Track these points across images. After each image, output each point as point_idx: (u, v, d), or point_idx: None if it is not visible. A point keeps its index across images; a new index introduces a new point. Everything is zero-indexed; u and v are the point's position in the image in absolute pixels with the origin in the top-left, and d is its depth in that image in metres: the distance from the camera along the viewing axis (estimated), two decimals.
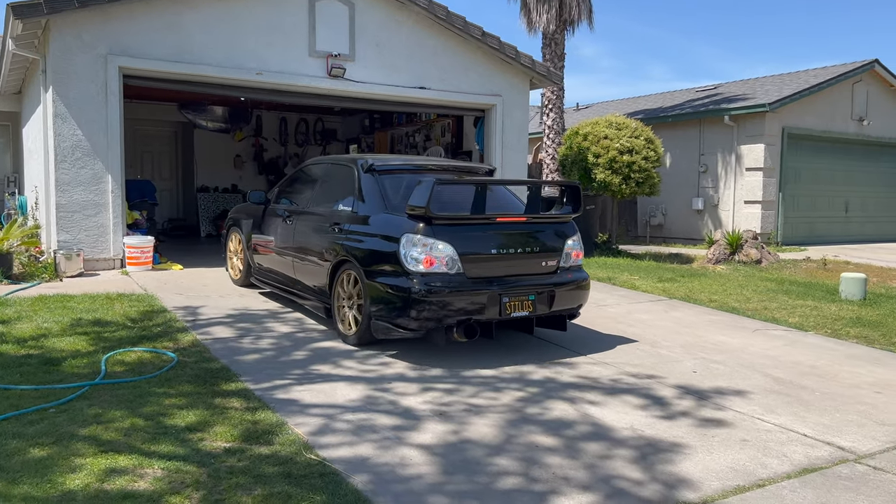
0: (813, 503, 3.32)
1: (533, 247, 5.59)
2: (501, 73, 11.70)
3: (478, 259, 5.31)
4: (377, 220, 5.59)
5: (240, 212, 8.17)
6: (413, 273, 5.13)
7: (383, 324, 5.30)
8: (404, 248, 5.16)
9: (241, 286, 8.08)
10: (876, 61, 16.75)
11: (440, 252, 5.15)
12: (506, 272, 5.44)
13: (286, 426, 4.02)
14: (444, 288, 5.10)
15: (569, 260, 5.82)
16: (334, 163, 6.69)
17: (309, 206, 6.62)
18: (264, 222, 7.33)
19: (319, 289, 6.16)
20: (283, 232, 6.82)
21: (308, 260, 6.32)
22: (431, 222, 5.18)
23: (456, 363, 5.44)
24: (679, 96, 20.19)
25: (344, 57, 10.27)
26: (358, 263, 5.50)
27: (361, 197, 5.87)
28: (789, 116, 15.70)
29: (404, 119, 14.85)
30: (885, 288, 10.21)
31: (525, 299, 5.40)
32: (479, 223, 5.42)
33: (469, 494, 3.30)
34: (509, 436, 4.06)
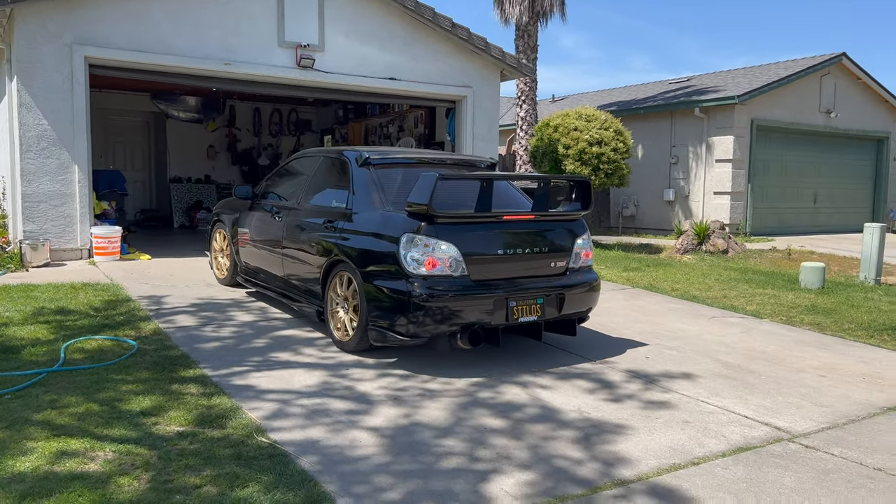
0: (742, 478, 3.47)
1: (541, 247, 5.22)
2: (472, 65, 11.78)
3: (483, 260, 4.94)
4: (374, 218, 5.18)
5: (225, 207, 7.79)
6: (414, 276, 4.75)
7: (381, 331, 4.91)
8: (404, 249, 4.78)
9: (227, 285, 7.68)
10: (843, 54, 17.03)
11: (443, 253, 4.78)
12: (512, 274, 5.09)
13: (240, 411, 4.10)
14: (448, 292, 4.73)
15: (578, 260, 5.45)
16: (326, 155, 6.28)
17: (299, 202, 6.22)
18: (251, 218, 6.93)
19: (311, 291, 5.78)
20: (272, 229, 6.43)
21: (299, 260, 5.94)
22: (434, 221, 4.78)
23: (414, 349, 5.54)
24: (652, 88, 20.38)
25: (313, 47, 10.29)
26: (353, 264, 5.12)
27: (356, 192, 5.46)
28: (758, 108, 15.94)
29: (377, 110, 14.90)
30: (845, 277, 10.47)
31: (533, 303, 5.04)
32: (484, 222, 5.01)
33: (414, 474, 3.41)
34: (459, 419, 4.17)
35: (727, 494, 3.30)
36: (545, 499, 3.21)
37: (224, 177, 16.78)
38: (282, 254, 6.22)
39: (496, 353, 5.54)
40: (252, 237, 6.86)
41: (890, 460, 3.76)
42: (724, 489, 3.36)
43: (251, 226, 6.89)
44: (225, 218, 7.59)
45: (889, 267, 11.81)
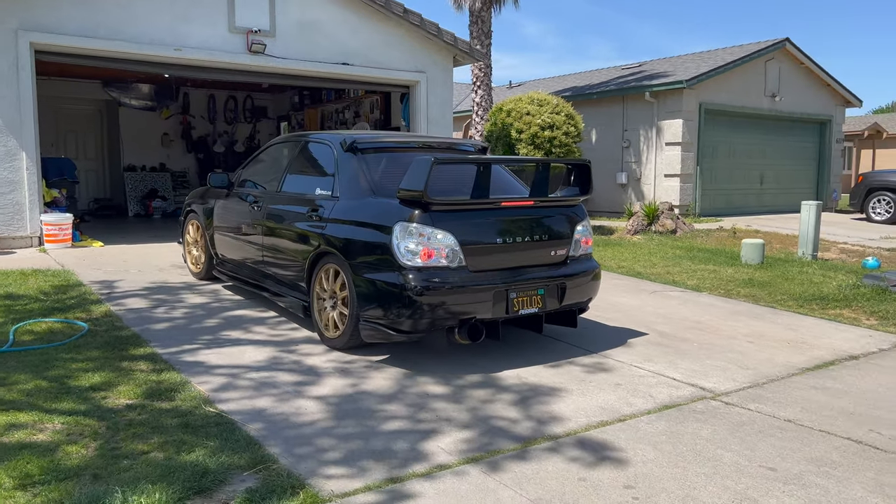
0: (663, 431, 3.73)
1: (541, 234, 4.94)
2: (425, 50, 11.90)
3: (481, 250, 4.66)
4: (363, 207, 4.87)
5: (198, 196, 7.36)
6: (408, 267, 4.45)
7: (374, 327, 4.61)
8: (398, 239, 4.48)
9: (202, 279, 7.29)
10: (787, 40, 17.54)
11: (440, 243, 4.49)
12: (512, 264, 4.81)
13: (189, 384, 4.23)
14: (445, 284, 4.45)
15: (578, 248, 5.20)
16: (308, 140, 5.92)
17: (279, 190, 5.87)
18: (228, 208, 6.55)
19: (295, 285, 5.49)
20: (251, 220, 6.06)
21: (280, 252, 5.62)
22: (428, 208, 4.49)
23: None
24: (606, 74, 20.72)
25: (264, 33, 10.31)
26: (341, 256, 4.80)
27: (342, 179, 5.15)
28: (706, 93, 16.36)
29: (333, 95, 14.93)
30: (785, 253, 10.91)
31: (534, 294, 4.79)
32: (481, 209, 4.72)
33: (356, 436, 3.59)
34: (403, 386, 4.36)
35: (647, 445, 3.55)
36: (480, 453, 3.41)
37: (179, 165, 16.64)
38: (261, 245, 5.90)
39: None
40: (229, 228, 6.51)
41: (801, 413, 4.06)
42: (645, 440, 3.61)
43: (227, 216, 6.54)
44: (198, 208, 7.18)
45: (827, 243, 12.33)
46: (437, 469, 3.23)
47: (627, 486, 3.10)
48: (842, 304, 7.02)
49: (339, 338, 4.95)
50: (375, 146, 5.40)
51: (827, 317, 6.58)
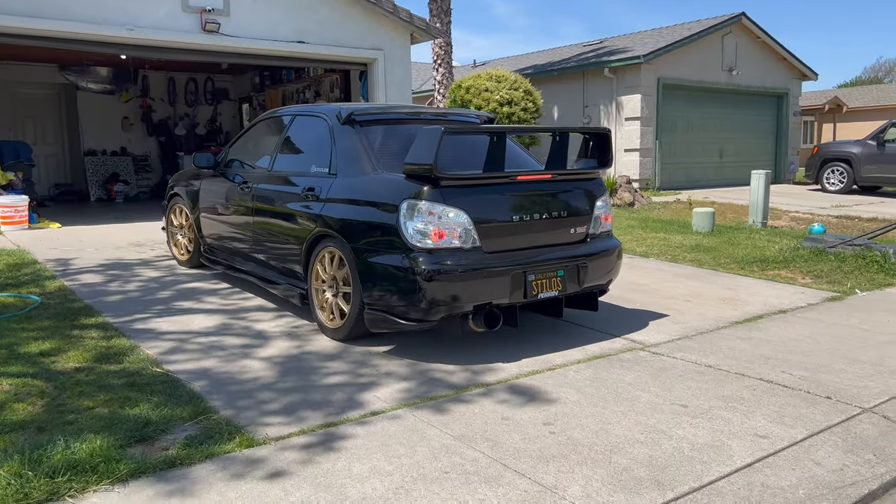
0: (589, 377, 3.95)
1: (560, 211, 4.54)
2: (381, 27, 11.97)
3: (497, 229, 4.27)
4: (365, 184, 4.48)
5: (182, 178, 6.91)
6: (418, 249, 4.06)
7: (380, 315, 4.23)
8: (405, 218, 4.08)
9: (191, 268, 6.85)
10: (743, 14, 17.85)
11: (452, 222, 4.09)
12: (529, 243, 4.42)
13: (138, 349, 4.36)
14: (458, 267, 4.05)
15: (599, 225, 4.82)
16: (300, 114, 5.51)
17: (271, 169, 5.48)
18: (214, 191, 6.14)
19: (291, 271, 5.09)
20: (240, 201, 5.67)
21: (274, 235, 5.24)
22: (438, 183, 4.08)
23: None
24: (567, 51, 20.90)
25: (218, 11, 10.30)
26: (342, 238, 4.42)
27: (341, 155, 4.76)
28: (664, 68, 16.62)
29: (293, 75, 14.92)
30: (737, 222, 11.24)
31: (553, 276, 4.41)
32: (496, 183, 4.34)
33: (297, 390, 3.76)
34: (347, 347, 4.53)
35: (571, 389, 3.77)
36: (414, 400, 3.60)
37: (140, 148, 16.53)
38: (253, 229, 5.50)
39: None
40: (216, 212, 6.10)
41: (722, 360, 4.31)
42: (571, 385, 3.83)
43: (214, 199, 6.13)
44: (183, 191, 6.75)
45: (779, 212, 12.71)
46: (370, 415, 3.42)
47: (546, 423, 3.31)
48: (781, 265, 7.32)
49: (341, 327, 4.56)
50: (375, 118, 5.01)
51: (765, 277, 6.87)
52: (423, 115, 5.37)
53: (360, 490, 2.67)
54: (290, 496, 2.63)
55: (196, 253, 6.67)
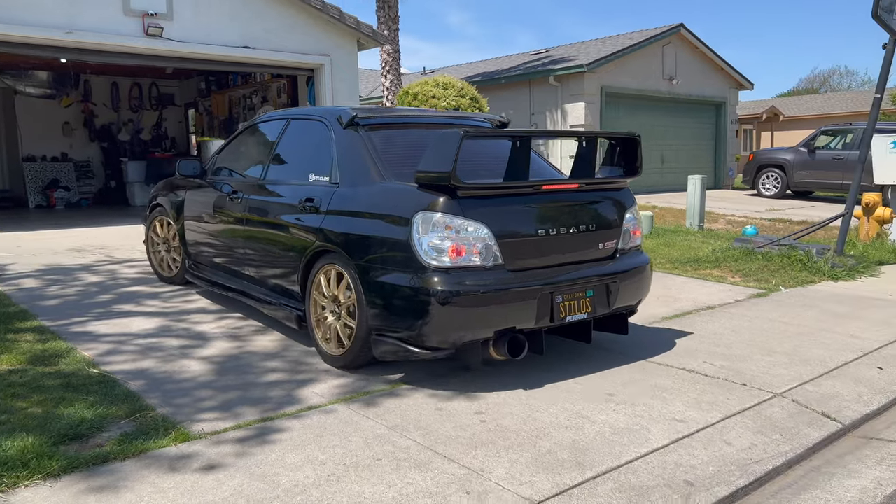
0: (520, 369, 4.10)
1: (588, 224, 4.11)
2: (328, 34, 12.03)
3: (521, 244, 3.84)
4: (372, 194, 4.03)
5: (166, 188, 6.39)
6: (433, 268, 3.60)
7: (389, 342, 3.77)
8: (419, 233, 3.64)
9: (178, 285, 6.33)
10: (682, 25, 18.45)
11: (472, 236, 3.66)
12: (556, 260, 4.00)
13: (75, 351, 4.33)
14: (479, 288, 3.61)
15: (628, 239, 4.39)
16: (296, 118, 5.08)
17: (265, 178, 5.01)
18: (201, 201, 5.67)
19: (287, 290, 4.63)
20: (230, 213, 5.21)
21: (268, 251, 4.78)
22: (456, 194, 3.65)
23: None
24: (515, 59, 21.26)
25: (161, 15, 10.22)
26: (346, 255, 3.96)
27: (343, 162, 4.31)
28: (607, 76, 17.06)
29: (239, 80, 14.85)
30: (675, 225, 11.62)
31: (582, 297, 3.98)
32: (519, 194, 3.92)
33: (235, 387, 3.81)
34: (287, 346, 4.59)
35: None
36: (353, 395, 3.69)
37: (82, 154, 16.19)
38: (244, 244, 5.06)
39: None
40: (203, 224, 5.64)
41: (651, 353, 4.51)
42: (504, 375, 3.97)
43: (201, 210, 5.66)
44: (166, 202, 6.23)
45: (717, 216, 13.19)
46: (307, 409, 3.49)
47: (478, 413, 3.44)
48: (713, 265, 7.63)
49: (343, 354, 4.08)
50: (381, 121, 4.59)
51: (697, 276, 7.16)
52: (431, 118, 5.02)
53: (292, 478, 2.75)
54: (222, 486, 2.69)
55: (182, 269, 6.11)
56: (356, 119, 4.42)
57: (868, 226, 9.22)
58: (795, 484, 2.92)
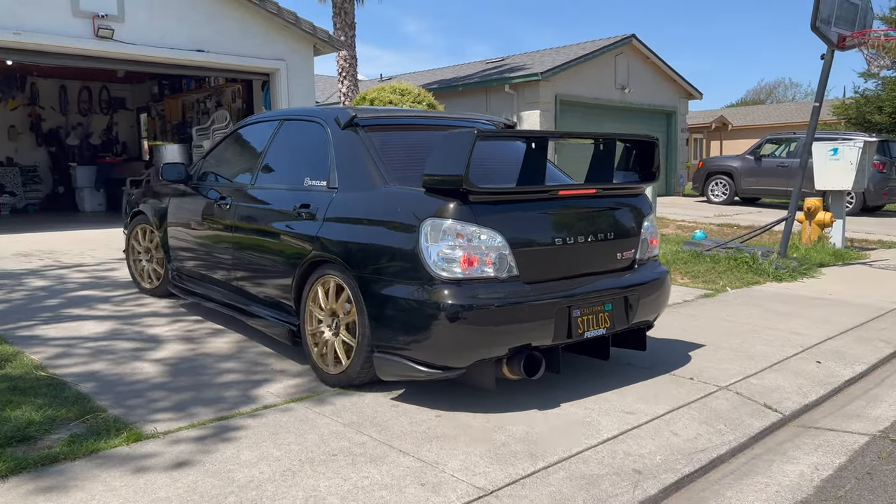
0: None
1: (606, 232, 3.84)
2: (283, 38, 11.98)
3: (537, 254, 3.57)
4: (375, 199, 3.75)
5: (148, 194, 6.00)
6: (443, 280, 3.32)
7: (394, 360, 3.48)
8: (427, 241, 3.35)
9: (160, 296, 5.95)
10: (633, 36, 18.89)
11: (484, 245, 3.37)
12: (572, 271, 3.72)
13: (22, 354, 4.24)
14: (493, 302, 3.33)
15: (646, 249, 4.12)
16: (289, 118, 4.78)
17: (254, 183, 4.70)
18: (186, 208, 5.35)
19: (278, 303, 4.33)
20: (217, 222, 4.90)
21: (258, 262, 4.48)
22: (467, 199, 3.37)
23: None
24: (471, 68, 21.46)
25: (112, 17, 10.05)
26: (347, 265, 3.67)
27: (342, 165, 4.01)
28: (561, 85, 17.36)
29: (193, 84, 14.66)
30: None
31: (601, 310, 3.71)
32: (534, 199, 3.63)
33: (188, 388, 3.78)
34: (242, 348, 4.57)
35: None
36: (308, 394, 3.70)
37: (29, 159, 15.76)
38: (232, 254, 4.73)
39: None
40: (189, 233, 5.30)
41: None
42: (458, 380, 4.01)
43: (186, 218, 5.33)
44: (148, 209, 5.85)
45: (668, 221, 13.50)
46: (262, 408, 3.49)
47: (434, 408, 3.49)
48: None
49: (343, 373, 3.77)
50: (381, 122, 4.31)
51: None
52: (433, 119, 4.73)
53: (247, 474, 2.75)
54: (176, 483, 2.68)
55: (166, 279, 5.77)
56: (356, 119, 4.12)
57: (810, 230, 9.57)
58: (738, 470, 3.04)
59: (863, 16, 7.49)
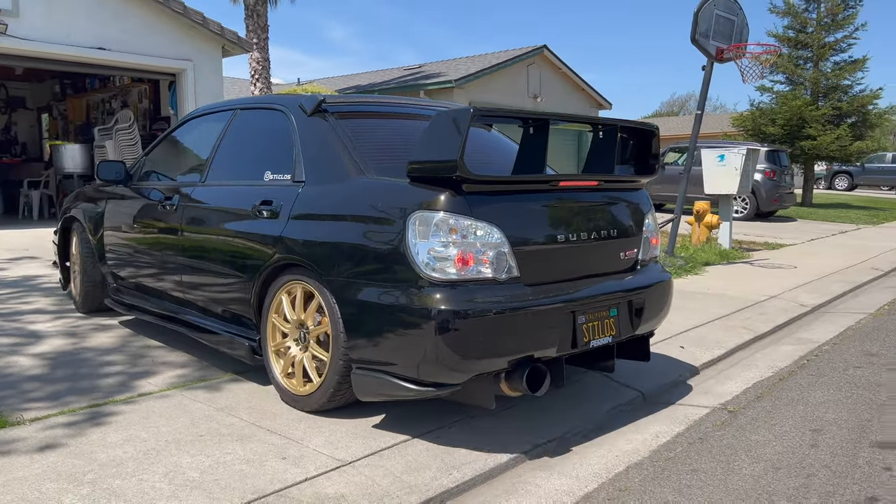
0: None
1: (609, 229, 3.46)
2: (191, 38, 11.83)
3: (538, 253, 3.16)
4: (351, 191, 3.28)
5: (81, 199, 5.40)
6: (435, 283, 2.88)
7: (377, 377, 3.02)
8: (416, 238, 2.91)
9: (89, 312, 5.28)
10: (545, 47, 19.51)
11: (481, 242, 2.94)
12: (575, 272, 3.33)
13: None
14: (493, 307, 2.90)
15: (648, 249, 3.79)
16: (245, 107, 4.29)
17: (206, 181, 4.20)
18: (126, 211, 4.81)
19: (236, 316, 3.84)
20: (162, 226, 4.39)
21: (212, 269, 3.94)
22: (461, 188, 2.92)
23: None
24: (390, 74, 21.64)
25: (6, 12, 9.70)
26: (317, 269, 3.20)
27: (309, 156, 3.53)
28: (475, 92, 17.73)
29: (97, 84, 14.25)
30: None
31: (606, 316, 3.34)
32: (534, 191, 3.22)
33: (65, 379, 3.76)
34: (126, 342, 4.56)
35: None
36: (189, 383, 3.75)
37: None
38: (180, 261, 4.20)
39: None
40: (129, 239, 4.76)
41: None
42: None
43: (127, 222, 4.78)
44: (82, 214, 5.24)
45: None
46: (138, 396, 3.53)
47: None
48: None
49: (313, 393, 3.29)
50: (352, 109, 3.88)
51: None
52: (406, 106, 4.21)
53: (110, 454, 2.81)
54: (36, 464, 2.71)
55: (101, 292, 5.15)
56: (324, 105, 3.65)
57: (699, 231, 10.15)
58: (589, 442, 3.28)
59: (739, 31, 8.06)
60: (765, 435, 3.30)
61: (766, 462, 2.98)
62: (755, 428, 3.40)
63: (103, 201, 5.09)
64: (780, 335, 5.41)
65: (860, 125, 19.13)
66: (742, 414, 3.60)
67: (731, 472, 2.89)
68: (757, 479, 2.82)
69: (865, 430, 3.36)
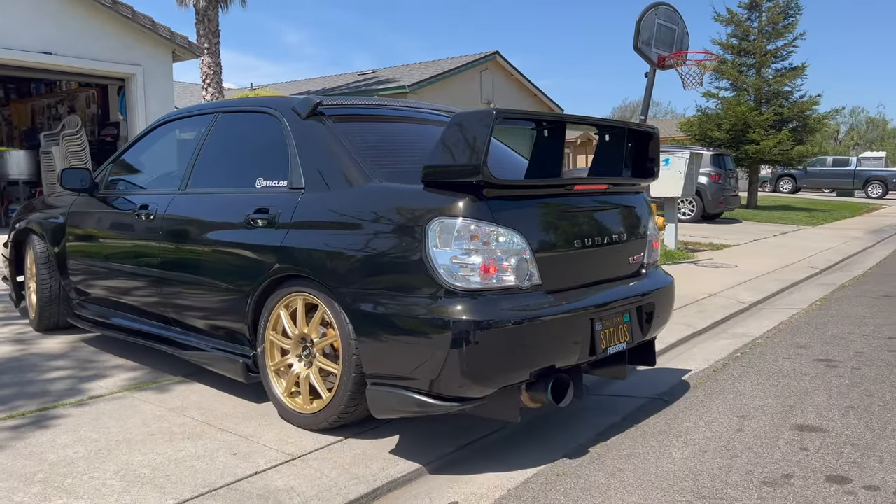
0: None
1: (620, 233, 3.45)
2: (139, 43, 11.71)
3: (558, 259, 3.10)
4: (359, 198, 3.11)
5: (38, 208, 5.11)
6: (457, 292, 2.76)
7: (395, 392, 2.87)
8: (435, 245, 2.79)
9: (46, 330, 4.95)
10: (497, 53, 19.78)
11: (503, 248, 2.85)
12: (590, 278, 3.29)
13: None
14: (517, 316, 2.80)
15: (652, 253, 3.78)
16: (228, 110, 4.06)
17: (186, 189, 3.95)
18: (92, 223, 4.54)
19: (226, 330, 3.62)
20: (138, 237, 4.10)
21: (198, 282, 3.69)
22: (482, 193, 2.83)
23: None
24: (344, 79, 21.68)
25: None
26: (324, 280, 3.05)
27: (308, 161, 3.35)
28: (428, 98, 17.86)
29: (43, 88, 13.98)
30: None
31: (620, 322, 3.30)
32: (551, 195, 3.16)
33: (12, 385, 3.77)
34: (76, 347, 4.57)
35: None
36: (138, 384, 3.79)
37: None
38: (160, 274, 3.93)
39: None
40: (96, 252, 4.46)
41: None
42: None
43: (94, 233, 4.52)
44: (39, 226, 4.90)
45: None
46: (89, 399, 3.56)
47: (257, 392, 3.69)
48: None
49: (322, 411, 3.12)
50: (351, 112, 3.73)
51: None
52: (406, 109, 4.13)
53: (60, 454, 2.85)
54: None
55: (59, 310, 4.84)
56: (320, 108, 3.47)
57: None
58: (532, 434, 3.43)
59: (679, 39, 8.39)
60: (695, 422, 3.50)
61: (695, 446, 3.17)
62: (687, 416, 3.60)
63: (64, 210, 4.77)
64: (717, 331, 5.66)
65: (801, 130, 19.90)
66: (676, 404, 3.80)
67: (661, 455, 3.07)
68: (685, 461, 3.00)
69: (788, 415, 3.59)
